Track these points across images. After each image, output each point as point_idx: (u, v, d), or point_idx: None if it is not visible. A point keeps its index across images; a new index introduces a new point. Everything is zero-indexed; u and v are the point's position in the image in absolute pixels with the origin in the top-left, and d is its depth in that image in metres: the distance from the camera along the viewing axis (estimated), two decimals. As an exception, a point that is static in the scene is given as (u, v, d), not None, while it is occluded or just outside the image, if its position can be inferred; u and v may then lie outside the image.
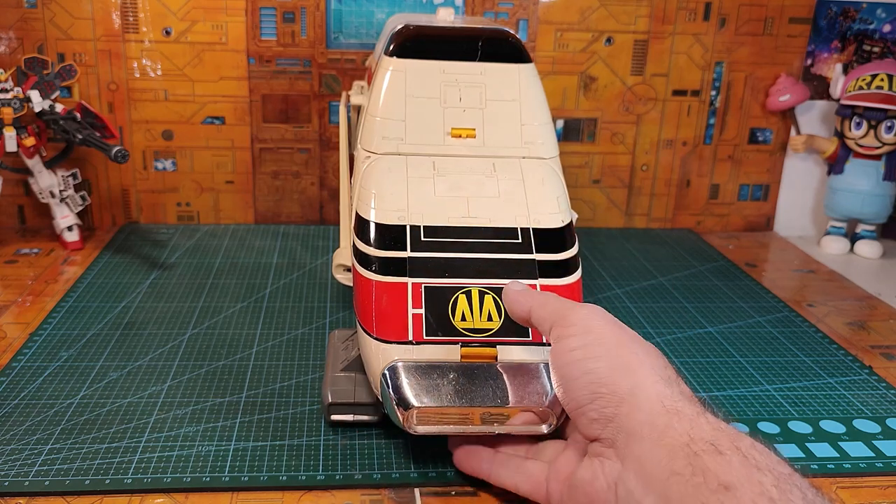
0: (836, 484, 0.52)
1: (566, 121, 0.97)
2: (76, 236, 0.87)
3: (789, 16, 0.96)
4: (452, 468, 0.51)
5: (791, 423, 0.59)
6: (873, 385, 0.65)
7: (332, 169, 0.96)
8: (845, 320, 0.77)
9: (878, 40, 0.97)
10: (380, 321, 0.50)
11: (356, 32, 0.91)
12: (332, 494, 0.49)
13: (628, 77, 0.96)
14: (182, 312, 0.72)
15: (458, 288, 0.51)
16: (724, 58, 0.97)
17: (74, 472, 0.50)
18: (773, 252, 0.97)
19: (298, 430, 0.55)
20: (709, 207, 1.03)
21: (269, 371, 0.63)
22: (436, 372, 0.48)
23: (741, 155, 1.01)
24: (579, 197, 1.00)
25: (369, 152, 0.58)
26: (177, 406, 0.58)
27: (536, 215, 0.54)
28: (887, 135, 0.93)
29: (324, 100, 0.93)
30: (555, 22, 0.93)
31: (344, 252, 0.62)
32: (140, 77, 0.90)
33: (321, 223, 0.98)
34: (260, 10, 0.89)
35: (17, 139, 0.82)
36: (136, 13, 0.88)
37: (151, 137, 0.93)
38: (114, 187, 0.94)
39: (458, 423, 0.48)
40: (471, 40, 0.60)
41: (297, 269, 0.83)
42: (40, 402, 0.57)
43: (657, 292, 0.82)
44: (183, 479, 0.50)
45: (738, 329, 0.74)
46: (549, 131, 0.60)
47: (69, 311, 0.72)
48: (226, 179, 0.95)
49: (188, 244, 0.89)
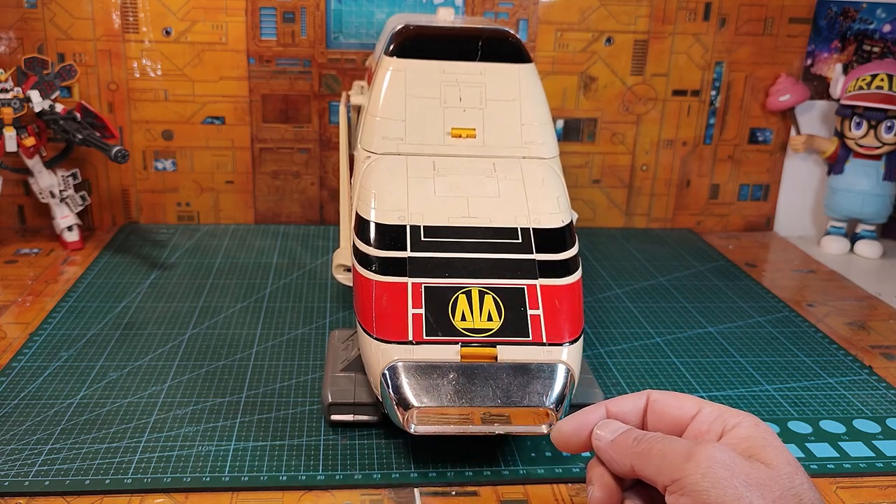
0: (836, 484, 0.52)
1: (566, 121, 0.97)
2: (76, 236, 0.87)
3: (789, 16, 0.96)
4: (452, 468, 0.51)
5: (791, 423, 0.59)
6: (873, 385, 0.65)
7: (332, 169, 0.96)
8: (845, 320, 0.77)
9: (878, 40, 0.97)
10: (380, 321, 0.50)
11: (356, 32, 0.91)
12: (332, 494, 0.49)
13: (628, 77, 0.96)
14: (182, 312, 0.72)
15: (458, 288, 0.51)
16: (724, 58, 0.97)
17: (74, 472, 0.50)
18: (773, 252, 0.97)
19: (298, 430, 0.55)
20: (709, 207, 1.03)
21: (269, 371, 0.63)
22: (436, 372, 0.48)
23: (741, 155, 1.01)
24: (579, 197, 1.00)
25: (369, 152, 0.58)
26: (177, 406, 0.58)
27: (536, 215, 0.54)
28: (887, 135, 0.93)
29: (324, 100, 0.93)
30: (555, 22, 0.93)
31: (344, 252, 0.62)
32: (140, 77, 0.90)
33: (321, 223, 0.98)
34: (260, 10, 0.89)
35: (17, 139, 0.82)
36: (136, 13, 0.88)
37: (151, 137, 0.93)
38: (114, 187, 0.94)
39: (458, 423, 0.48)
40: (471, 40, 0.60)
41: (297, 269, 0.83)
42: (40, 402, 0.57)
43: (657, 292, 0.82)
44: (183, 479, 0.50)
45: (738, 329, 0.74)
46: (549, 131, 0.60)
47: (69, 311, 0.72)
48: (226, 179, 0.95)
49: (188, 244, 0.89)
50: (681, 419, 0.42)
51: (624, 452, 0.40)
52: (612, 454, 0.40)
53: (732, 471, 0.36)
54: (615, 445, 0.40)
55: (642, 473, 0.39)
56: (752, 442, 0.39)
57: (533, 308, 0.51)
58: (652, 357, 0.68)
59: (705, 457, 0.36)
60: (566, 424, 0.43)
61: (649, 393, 0.43)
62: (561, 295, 0.51)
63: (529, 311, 0.50)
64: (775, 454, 0.38)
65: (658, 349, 0.69)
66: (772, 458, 0.38)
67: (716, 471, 0.36)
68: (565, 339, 0.50)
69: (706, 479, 0.35)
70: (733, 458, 0.36)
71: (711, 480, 0.35)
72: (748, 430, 0.39)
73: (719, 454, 0.36)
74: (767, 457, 0.38)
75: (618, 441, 0.41)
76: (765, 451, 0.38)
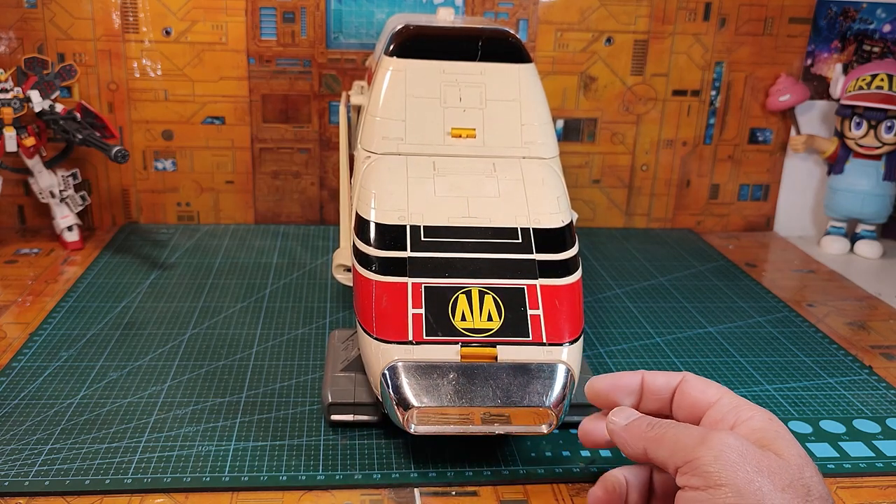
0: (836, 484, 0.52)
1: (566, 121, 0.97)
2: (76, 236, 0.87)
3: (789, 16, 0.96)
4: (452, 468, 0.51)
5: (791, 423, 0.59)
6: (873, 385, 0.65)
7: (332, 169, 0.96)
8: (845, 320, 0.77)
9: (878, 40, 0.97)
10: (380, 321, 0.50)
11: (356, 32, 0.91)
12: (332, 494, 0.49)
13: (628, 77, 0.96)
14: (182, 312, 0.72)
15: (458, 288, 0.51)
16: (724, 58, 0.97)
17: (74, 472, 0.50)
18: (773, 252, 0.97)
19: (298, 430, 0.55)
20: (709, 207, 1.03)
21: (269, 371, 0.63)
22: (436, 372, 0.48)
23: (741, 155, 1.01)
24: (579, 197, 1.00)
25: (369, 152, 0.58)
26: (177, 406, 0.58)
27: (536, 215, 0.54)
28: (887, 135, 0.93)
29: (324, 100, 0.93)
30: (555, 22, 0.93)
31: (344, 252, 0.63)
32: (140, 77, 0.90)
33: (321, 223, 0.98)
34: (260, 10, 0.89)
35: (17, 139, 0.82)
36: (136, 13, 0.88)
37: (151, 137, 0.93)
38: (114, 187, 0.94)
39: (458, 423, 0.48)
40: (471, 40, 0.60)
41: (297, 269, 0.83)
42: (40, 402, 0.57)
43: (657, 292, 0.82)
44: (183, 479, 0.50)
45: (738, 329, 0.74)
46: (549, 131, 0.60)
47: (69, 311, 0.72)
48: (226, 179, 0.95)
49: (188, 244, 0.89)
50: (701, 403, 0.43)
51: (638, 436, 0.41)
52: (626, 437, 0.42)
53: (744, 456, 0.37)
54: (629, 429, 0.42)
55: (654, 456, 0.40)
56: (764, 434, 0.40)
57: (533, 308, 0.51)
58: (652, 357, 0.68)
59: (718, 441, 0.37)
60: (601, 380, 0.46)
61: (685, 375, 0.45)
62: (561, 295, 0.51)
63: (529, 311, 0.50)
64: (786, 446, 0.39)
65: (658, 349, 0.69)
66: (783, 450, 0.38)
67: (728, 454, 0.37)
68: (565, 339, 0.50)
69: (718, 462, 0.36)
70: (745, 445, 0.37)
71: (723, 463, 0.36)
72: (761, 423, 0.40)
73: (732, 440, 0.37)
74: (779, 448, 0.39)
75: (632, 425, 0.42)
76: (776, 443, 0.39)
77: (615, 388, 0.46)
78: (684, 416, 0.44)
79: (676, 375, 0.45)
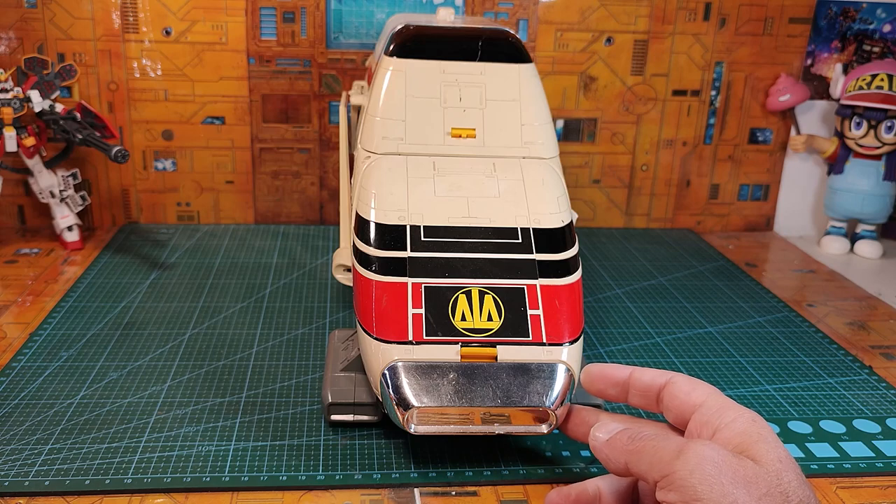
0: (835, 484, 0.52)
1: (566, 121, 0.97)
2: (76, 236, 0.87)
3: (789, 16, 0.96)
4: (452, 468, 0.51)
5: (791, 423, 0.59)
6: (873, 385, 0.65)
7: (332, 169, 0.96)
8: (845, 320, 0.77)
9: (878, 40, 0.97)
10: (380, 321, 0.50)
11: (356, 32, 0.91)
12: (332, 494, 0.49)
13: (628, 77, 0.96)
14: (182, 312, 0.72)
15: (457, 288, 0.51)
16: (724, 58, 0.97)
17: (74, 472, 0.50)
18: (773, 252, 0.97)
19: (298, 430, 0.55)
20: (709, 207, 1.03)
21: (269, 371, 0.63)
22: (436, 372, 0.48)
23: (741, 155, 1.01)
24: (579, 197, 1.00)
25: (369, 152, 0.58)
26: (177, 406, 0.58)
27: (536, 215, 0.54)
28: (887, 135, 0.93)
29: (324, 100, 0.93)
30: (555, 22, 0.93)
31: (344, 252, 0.63)
32: (140, 77, 0.90)
33: (321, 223, 0.98)
34: (260, 10, 0.89)
35: (17, 139, 0.82)
36: (136, 13, 0.88)
37: (151, 137, 0.93)
38: (114, 187, 0.94)
39: (458, 423, 0.48)
40: (471, 40, 0.60)
41: (297, 269, 0.83)
42: (40, 402, 0.57)
43: (657, 292, 0.82)
44: (183, 479, 0.50)
45: (738, 329, 0.74)
46: (549, 131, 0.60)
47: (69, 311, 0.72)
48: (226, 179, 0.95)
49: (188, 244, 0.89)
50: (687, 405, 0.43)
51: (619, 450, 0.41)
52: (607, 452, 0.42)
53: (720, 468, 0.36)
54: (610, 444, 0.42)
55: (635, 470, 0.40)
56: (745, 437, 0.39)
57: (533, 308, 0.51)
58: (652, 357, 0.68)
59: (694, 453, 0.37)
60: (596, 367, 0.47)
61: (673, 376, 0.45)
62: (561, 295, 0.51)
63: (529, 311, 0.50)
64: (766, 450, 0.38)
65: (658, 349, 0.69)
66: (762, 455, 0.38)
67: (704, 467, 0.36)
68: (565, 339, 0.50)
69: (694, 476, 0.36)
70: (722, 455, 0.37)
71: (699, 477, 0.36)
72: (744, 426, 0.40)
73: (708, 451, 0.37)
74: (758, 453, 0.38)
75: (613, 440, 0.42)
76: (756, 447, 0.39)
77: (602, 377, 0.47)
78: (673, 419, 0.44)
79: (664, 375, 0.45)
